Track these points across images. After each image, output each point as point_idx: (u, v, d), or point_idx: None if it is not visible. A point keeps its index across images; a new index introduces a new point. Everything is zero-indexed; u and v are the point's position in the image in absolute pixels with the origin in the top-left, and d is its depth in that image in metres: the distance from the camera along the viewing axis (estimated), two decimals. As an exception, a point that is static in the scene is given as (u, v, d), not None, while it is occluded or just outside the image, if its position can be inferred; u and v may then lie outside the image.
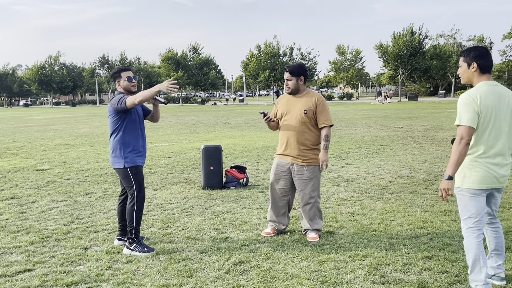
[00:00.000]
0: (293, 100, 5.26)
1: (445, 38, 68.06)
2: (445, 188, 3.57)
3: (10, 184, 8.77)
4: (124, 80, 4.90)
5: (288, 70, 5.22)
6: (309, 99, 5.18)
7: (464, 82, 3.81)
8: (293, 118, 5.16)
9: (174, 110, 49.26)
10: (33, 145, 15.77)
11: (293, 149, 5.17)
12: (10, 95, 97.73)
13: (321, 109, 5.16)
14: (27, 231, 5.72)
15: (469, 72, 3.72)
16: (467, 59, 3.72)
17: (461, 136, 3.51)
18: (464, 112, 3.54)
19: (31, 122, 30.56)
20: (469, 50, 3.74)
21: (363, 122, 22.46)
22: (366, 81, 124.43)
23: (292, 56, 69.76)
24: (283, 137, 5.26)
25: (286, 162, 5.23)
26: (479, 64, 3.67)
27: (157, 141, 16.24)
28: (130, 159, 4.85)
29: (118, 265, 4.52)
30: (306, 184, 5.18)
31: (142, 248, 4.81)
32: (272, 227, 5.37)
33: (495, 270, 3.88)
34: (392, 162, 10.25)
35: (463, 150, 3.50)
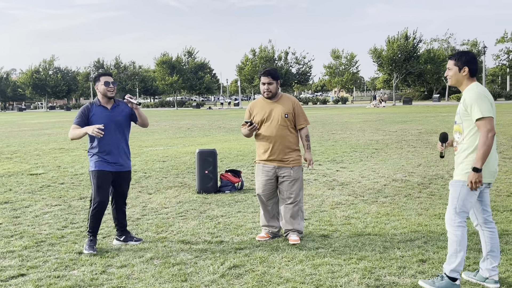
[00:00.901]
0: (269, 104, 5.26)
1: (439, 42, 68.49)
2: (475, 181, 3.66)
3: (4, 189, 8.72)
4: (101, 84, 5.04)
5: (269, 74, 5.21)
6: (287, 103, 5.24)
7: (452, 84, 3.95)
8: (275, 123, 5.18)
9: (169, 114, 49.21)
10: (27, 150, 15.71)
11: (279, 154, 5.19)
12: (4, 99, 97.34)
13: (298, 111, 5.27)
14: (21, 235, 5.69)
15: (460, 76, 3.86)
16: (458, 63, 3.86)
17: (487, 128, 3.64)
18: (483, 105, 3.66)
19: (25, 127, 30.43)
20: (461, 55, 3.88)
21: (358, 126, 22.51)
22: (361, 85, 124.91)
23: (287, 60, 69.92)
24: (265, 143, 5.24)
25: (272, 166, 5.24)
26: (470, 69, 3.84)
27: (152, 145, 16.21)
28: (93, 163, 5.05)
29: (112, 270, 4.51)
30: (292, 184, 5.22)
31: (87, 245, 5.00)
32: (266, 231, 5.38)
33: (489, 272, 3.91)
34: (387, 166, 10.28)
35: (491, 142, 3.65)
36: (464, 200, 3.78)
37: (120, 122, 5.10)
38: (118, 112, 5.12)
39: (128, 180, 5.28)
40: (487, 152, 3.64)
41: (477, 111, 3.66)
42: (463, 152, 3.81)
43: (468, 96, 3.73)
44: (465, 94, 3.79)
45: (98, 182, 4.99)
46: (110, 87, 5.05)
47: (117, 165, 5.08)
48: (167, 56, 74.15)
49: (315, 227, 5.75)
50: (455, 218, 3.79)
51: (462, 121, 3.82)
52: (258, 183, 5.34)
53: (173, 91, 75.84)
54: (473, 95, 3.70)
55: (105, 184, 5.02)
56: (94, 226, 5.05)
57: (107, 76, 5.10)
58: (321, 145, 14.75)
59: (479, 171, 3.65)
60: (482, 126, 3.65)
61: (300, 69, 70.50)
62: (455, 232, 3.78)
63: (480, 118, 3.65)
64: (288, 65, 69.83)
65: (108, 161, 5.03)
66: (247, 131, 5.29)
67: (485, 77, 62.09)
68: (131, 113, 5.20)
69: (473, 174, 3.67)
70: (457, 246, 3.77)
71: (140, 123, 5.23)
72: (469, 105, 3.71)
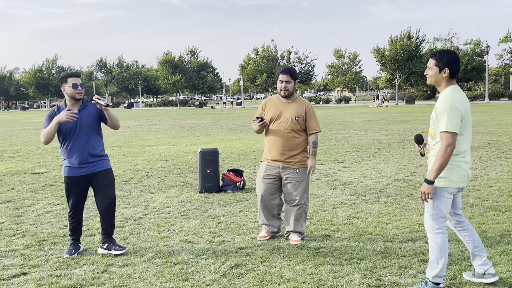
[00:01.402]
0: (282, 104, 5.22)
1: (442, 41, 68.24)
2: (426, 192, 3.66)
3: (7, 188, 8.75)
4: (69, 86, 4.74)
5: (288, 72, 5.17)
6: (300, 106, 5.20)
7: (430, 83, 3.88)
8: (284, 124, 5.14)
9: (171, 113, 49.25)
10: (30, 149, 15.74)
11: (283, 154, 5.15)
12: (7, 98, 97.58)
13: (311, 116, 5.22)
14: (23, 234, 5.71)
15: (439, 76, 3.78)
16: (439, 64, 3.76)
17: (448, 143, 3.60)
18: (451, 118, 3.60)
19: (28, 125, 30.50)
20: (442, 55, 3.77)
21: (360, 126, 22.49)
22: (364, 84, 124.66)
23: (290, 60, 69.88)
24: (272, 142, 5.21)
25: (276, 166, 5.20)
26: (451, 70, 3.75)
27: (154, 144, 16.23)
28: (63, 168, 4.94)
29: (114, 269, 4.52)
30: (297, 186, 5.18)
31: (67, 250, 4.95)
32: (266, 229, 5.35)
33: (483, 267, 3.93)
34: (389, 166, 10.27)
35: (449, 157, 3.61)
36: (439, 206, 3.75)
37: (88, 124, 4.83)
38: (86, 115, 4.84)
39: (109, 179, 4.94)
40: (443, 165, 3.60)
41: (444, 123, 3.60)
42: (434, 157, 3.78)
43: (440, 105, 3.66)
44: (439, 101, 3.71)
45: (67, 188, 4.89)
46: (78, 89, 4.75)
47: (89, 167, 4.84)
48: (170, 55, 74.24)
49: (316, 227, 5.74)
50: (433, 224, 3.78)
51: (434, 127, 3.76)
52: (259, 181, 5.28)
53: (176, 91, 75.91)
54: (446, 106, 3.62)
55: (75, 190, 4.87)
56: (73, 230, 4.96)
57: (75, 78, 4.78)
58: (323, 144, 14.74)
59: (431, 183, 3.63)
60: (444, 139, 3.60)
61: (303, 69, 70.47)
62: (435, 239, 3.77)
63: (444, 131, 3.60)
64: (290, 65, 69.77)
65: (78, 166, 4.81)
66: (257, 127, 5.25)
67: (488, 76, 61.89)
68: (100, 114, 4.92)
69: (425, 185, 3.65)
70: (438, 252, 3.76)
71: (110, 125, 4.93)
72: (439, 114, 3.65)
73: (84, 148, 4.80)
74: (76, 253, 4.87)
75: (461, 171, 3.74)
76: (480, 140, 14.56)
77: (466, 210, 6.33)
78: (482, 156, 11.20)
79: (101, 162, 4.93)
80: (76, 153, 4.79)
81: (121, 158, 12.79)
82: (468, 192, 7.41)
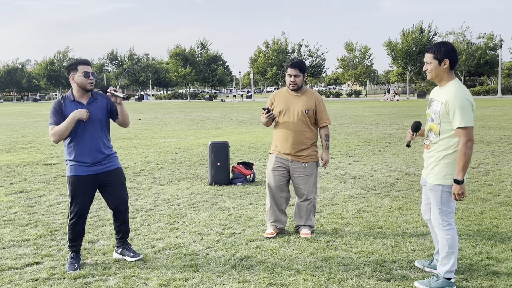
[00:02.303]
0: (292, 97, 5.17)
1: (455, 35, 67.53)
2: (459, 193, 3.61)
3: (19, 178, 8.84)
4: (80, 74, 4.20)
5: (297, 66, 5.11)
6: (310, 98, 5.16)
7: (432, 78, 3.80)
8: (294, 117, 5.09)
9: (181, 106, 49.36)
10: (41, 140, 15.88)
11: (293, 147, 5.11)
12: (19, 90, 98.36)
13: (321, 108, 5.19)
14: (35, 224, 5.77)
15: (440, 69, 3.71)
16: (438, 55, 3.68)
17: (468, 138, 3.56)
18: (466, 114, 3.56)
19: (40, 117, 30.75)
20: (439, 47, 3.70)
21: (371, 120, 22.39)
22: (375, 78, 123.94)
23: (300, 53, 69.59)
24: (281, 135, 5.16)
25: (286, 159, 5.16)
26: (450, 60, 3.68)
27: (164, 137, 16.30)
28: (69, 167, 4.33)
29: (125, 259, 4.55)
30: (306, 180, 5.16)
31: (68, 263, 4.36)
32: (273, 226, 5.26)
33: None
34: (400, 160, 10.22)
35: (471, 152, 3.59)
36: (447, 202, 3.74)
37: (98, 119, 4.31)
38: (96, 108, 4.31)
39: (120, 179, 4.48)
40: (467, 162, 3.57)
41: (459, 119, 3.55)
42: (438, 153, 3.73)
43: (452, 101, 3.59)
44: (447, 96, 3.63)
45: (74, 189, 4.30)
46: (90, 79, 4.22)
47: (98, 165, 4.32)
48: (180, 48, 74.24)
49: (326, 220, 5.75)
50: (442, 221, 3.77)
51: (440, 122, 3.70)
52: (269, 173, 5.24)
53: (186, 83, 76.00)
54: (458, 101, 3.56)
55: (83, 192, 4.31)
56: (73, 240, 4.38)
57: (86, 66, 4.23)
58: (333, 138, 14.70)
59: (461, 182, 3.59)
60: (463, 135, 3.55)
61: (314, 62, 70.18)
62: (446, 236, 3.76)
63: (462, 127, 3.55)
64: (301, 58, 69.52)
65: (86, 164, 4.28)
66: (265, 119, 5.19)
67: (501, 71, 61.19)
68: (111, 109, 4.41)
69: (456, 186, 3.61)
70: (449, 249, 3.75)
71: (120, 122, 4.44)
72: (451, 110, 3.59)
73: (94, 145, 4.28)
74: (79, 268, 4.31)
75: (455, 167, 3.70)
76: (492, 135, 14.43)
77: (478, 205, 6.29)
78: (494, 151, 11.11)
79: (112, 160, 4.43)
80: (85, 150, 4.27)
81: (132, 150, 12.86)
82: (479, 187, 7.36)
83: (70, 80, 4.26)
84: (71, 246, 4.40)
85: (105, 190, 4.44)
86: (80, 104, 4.26)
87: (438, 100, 3.73)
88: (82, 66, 4.21)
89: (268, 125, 5.29)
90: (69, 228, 4.37)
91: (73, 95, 4.28)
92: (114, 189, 4.43)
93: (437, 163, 3.72)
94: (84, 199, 4.34)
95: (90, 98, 4.33)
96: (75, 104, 4.25)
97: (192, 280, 4.02)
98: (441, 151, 3.71)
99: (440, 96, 3.73)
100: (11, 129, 20.96)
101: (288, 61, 5.20)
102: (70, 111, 4.21)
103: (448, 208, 3.75)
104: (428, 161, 3.82)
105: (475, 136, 13.55)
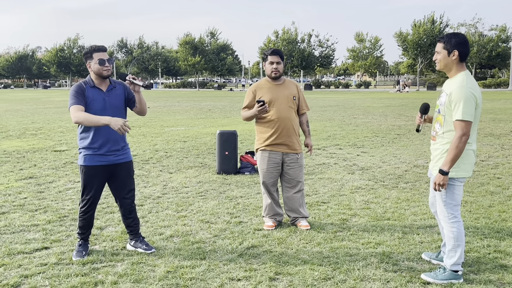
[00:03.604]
0: (275, 87, 5.08)
1: (467, 27, 66.80)
2: (441, 183, 3.61)
3: (29, 164, 8.92)
4: (95, 62, 4.16)
5: (277, 53, 5.04)
6: (292, 87, 5.15)
7: (440, 69, 3.75)
8: (285, 106, 5.02)
9: (190, 95, 49.38)
10: (51, 127, 15.98)
11: (288, 137, 5.04)
12: (30, 76, 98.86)
13: (302, 96, 5.23)
14: (44, 210, 5.82)
15: (449, 60, 3.66)
16: (447, 46, 3.64)
17: (463, 132, 3.52)
18: (468, 107, 3.52)
19: (50, 104, 30.91)
20: (450, 37, 3.64)
21: (380, 111, 22.27)
22: (385, 69, 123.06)
23: (310, 43, 69.25)
24: (272, 125, 5.01)
25: (279, 153, 5.08)
26: (460, 52, 3.61)
27: (173, 125, 16.33)
28: (82, 156, 4.28)
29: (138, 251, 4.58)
30: (299, 171, 5.14)
31: (75, 250, 4.38)
32: (273, 219, 5.21)
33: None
34: (408, 152, 10.18)
35: (463, 146, 3.55)
36: (452, 194, 3.71)
37: (117, 107, 4.27)
38: (114, 96, 4.27)
39: (129, 172, 4.43)
40: (458, 155, 3.54)
41: (460, 112, 3.50)
42: (442, 146, 3.70)
43: (456, 93, 3.54)
44: (452, 87, 3.59)
45: (86, 178, 4.27)
46: (106, 66, 4.17)
47: (113, 156, 4.28)
48: (190, 36, 74.12)
49: (334, 211, 5.74)
50: (448, 214, 3.75)
51: (445, 114, 3.66)
52: (265, 172, 5.11)
53: (195, 72, 75.97)
54: (462, 94, 3.51)
55: (96, 181, 4.28)
56: (83, 228, 4.39)
57: (102, 52, 4.18)
58: (342, 129, 14.66)
59: (445, 174, 3.57)
60: (459, 128, 3.52)
61: (323, 52, 69.82)
62: (451, 229, 3.74)
63: (460, 119, 3.51)
64: (311, 48, 69.18)
65: (101, 154, 4.23)
66: (253, 112, 4.97)
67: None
68: (128, 98, 4.38)
69: (439, 176, 3.59)
70: (455, 241, 3.74)
71: (138, 110, 4.42)
72: (454, 102, 3.54)
73: (110, 134, 4.22)
74: (86, 255, 4.33)
75: (470, 159, 3.68)
76: (503, 128, 14.30)
77: (487, 198, 6.26)
78: (504, 144, 11.02)
79: (125, 152, 4.39)
80: (101, 139, 4.20)
81: (141, 138, 12.91)
82: (488, 180, 7.32)
83: (88, 68, 4.24)
84: (80, 234, 4.41)
85: (114, 181, 4.40)
86: (100, 91, 4.21)
87: (445, 91, 3.70)
88: (97, 53, 4.16)
89: (251, 120, 5.14)
90: (79, 215, 4.38)
91: (92, 81, 4.23)
92: (122, 181, 4.39)
93: (442, 155, 3.70)
94: (96, 188, 4.31)
95: (110, 86, 4.28)
96: (95, 90, 4.20)
97: (199, 267, 4.05)
98: (446, 144, 3.68)
99: (447, 87, 3.70)
100: (21, 116, 21.10)
101: (268, 50, 5.13)
102: (91, 95, 4.16)
103: (453, 201, 3.73)
104: (434, 153, 3.80)
105: (485, 129, 13.46)
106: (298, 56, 67.52)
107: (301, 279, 3.83)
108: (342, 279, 3.82)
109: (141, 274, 3.92)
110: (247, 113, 5.08)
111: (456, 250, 3.75)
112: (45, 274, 3.92)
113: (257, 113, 4.97)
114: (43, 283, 3.78)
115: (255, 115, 5.01)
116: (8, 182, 7.41)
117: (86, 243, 4.43)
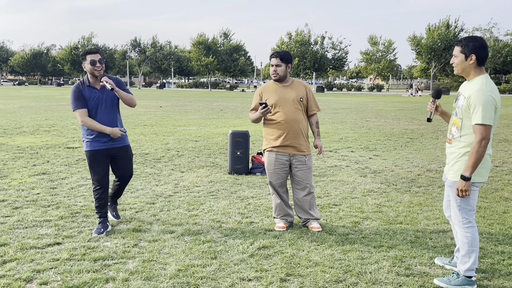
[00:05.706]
0: (282, 89, 5.06)
1: (482, 31, 66.20)
2: (464, 189, 3.56)
3: (42, 160, 8.98)
4: (88, 63, 4.74)
5: (278, 55, 5.01)
6: (300, 87, 5.11)
7: (458, 73, 3.70)
8: (291, 107, 4.98)
9: (202, 95, 49.50)
10: (64, 123, 16.10)
11: (295, 139, 5.00)
12: (44, 74, 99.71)
13: (311, 97, 5.17)
14: (57, 206, 5.86)
15: (466, 64, 3.61)
16: (465, 50, 3.59)
17: (483, 136, 3.47)
18: (487, 112, 3.46)
19: (63, 101, 31.15)
20: (468, 40, 3.59)
21: (393, 114, 22.14)
22: (398, 73, 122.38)
23: (323, 45, 69.08)
24: (279, 127, 5.00)
25: (286, 154, 5.05)
26: (477, 56, 3.56)
27: (185, 125, 16.37)
28: (85, 143, 4.93)
29: (144, 244, 4.60)
30: (307, 173, 5.10)
31: (96, 228, 4.91)
32: (284, 220, 5.19)
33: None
34: (421, 156, 10.09)
35: (484, 151, 3.50)
36: (468, 199, 3.67)
37: (112, 99, 4.91)
38: (108, 92, 4.89)
39: (128, 155, 5.09)
40: (479, 160, 3.48)
41: (479, 116, 3.45)
42: (459, 149, 3.65)
43: (475, 97, 3.48)
44: (471, 91, 3.53)
45: (90, 162, 4.90)
46: (97, 66, 4.74)
47: (112, 141, 4.92)
48: (204, 37, 74.35)
49: (345, 213, 5.71)
50: (462, 218, 3.70)
51: (463, 117, 3.61)
52: (272, 173, 5.10)
53: (208, 72, 76.16)
54: (481, 98, 3.45)
55: (99, 162, 4.89)
56: (99, 207, 4.95)
57: (93, 54, 4.76)
58: (354, 131, 14.59)
59: (468, 179, 3.52)
60: (479, 132, 3.46)
61: (336, 54, 69.62)
62: (465, 233, 3.69)
63: (480, 123, 3.45)
64: (323, 50, 69.03)
65: (101, 140, 4.87)
66: (258, 114, 4.98)
67: None
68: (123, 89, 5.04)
69: (462, 182, 3.54)
70: (469, 247, 3.69)
71: (124, 103, 4.99)
72: (473, 105, 3.49)
73: (108, 122, 4.85)
74: (105, 232, 4.86)
75: (486, 164, 3.63)
76: (517, 134, 14.14)
77: (501, 204, 6.18)
78: (518, 150, 10.89)
79: (123, 138, 5.04)
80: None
81: (153, 136, 12.95)
82: (503, 186, 7.23)
83: (84, 68, 4.86)
84: (98, 212, 4.97)
85: (114, 162, 5.05)
86: (94, 90, 4.83)
87: (463, 94, 3.65)
88: (89, 55, 4.76)
89: (258, 122, 5.15)
90: (94, 196, 4.98)
91: (88, 81, 4.86)
92: (122, 162, 5.06)
93: (458, 159, 3.65)
94: (100, 168, 4.91)
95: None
96: (90, 89, 4.83)
97: (210, 267, 4.04)
98: (462, 148, 3.63)
99: (465, 90, 3.64)
100: (35, 112, 21.29)
101: (272, 52, 5.13)
102: (87, 95, 4.81)
103: (467, 206, 3.68)
104: (450, 157, 3.75)
105: (500, 134, 13.31)
106: (311, 58, 67.36)
107: (312, 281, 3.80)
108: (354, 282, 3.79)
109: (152, 272, 3.93)
110: (254, 115, 5.10)
111: (470, 256, 3.70)
112: (57, 270, 3.94)
113: (261, 115, 4.97)
114: (54, 278, 3.80)
115: (260, 117, 5.02)
116: (21, 177, 7.47)
117: (106, 221, 4.98)
